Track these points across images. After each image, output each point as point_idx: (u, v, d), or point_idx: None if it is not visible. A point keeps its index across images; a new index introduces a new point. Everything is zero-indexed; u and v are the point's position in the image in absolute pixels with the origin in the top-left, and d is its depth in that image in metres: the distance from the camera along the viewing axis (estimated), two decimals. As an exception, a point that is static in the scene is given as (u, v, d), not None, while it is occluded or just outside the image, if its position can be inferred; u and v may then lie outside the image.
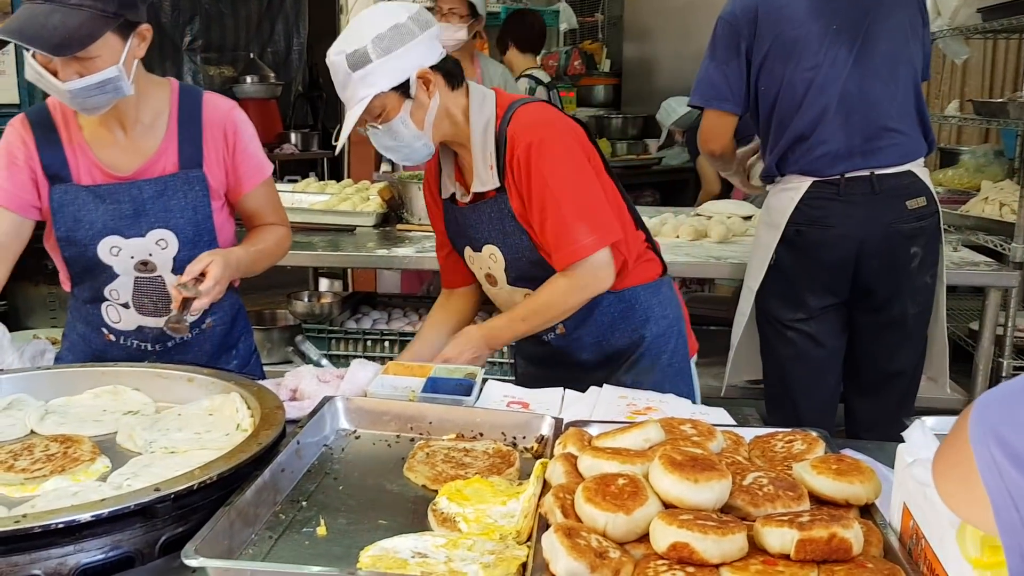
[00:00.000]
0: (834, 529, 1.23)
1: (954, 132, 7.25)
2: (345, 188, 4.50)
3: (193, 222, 2.22)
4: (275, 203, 2.44)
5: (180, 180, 2.21)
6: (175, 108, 2.24)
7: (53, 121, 2.20)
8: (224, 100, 2.33)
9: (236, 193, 2.33)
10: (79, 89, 2.00)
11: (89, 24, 1.96)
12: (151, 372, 2.04)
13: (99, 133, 2.19)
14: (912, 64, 2.97)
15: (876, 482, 1.43)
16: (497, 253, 2.38)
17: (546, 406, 2.12)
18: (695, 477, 1.36)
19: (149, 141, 2.22)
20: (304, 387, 2.16)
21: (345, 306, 3.91)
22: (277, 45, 8.88)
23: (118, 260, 2.19)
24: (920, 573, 1.24)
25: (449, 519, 1.53)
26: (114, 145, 2.20)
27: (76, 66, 1.98)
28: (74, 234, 2.17)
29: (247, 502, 1.48)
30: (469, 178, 2.36)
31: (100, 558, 1.36)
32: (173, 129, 2.23)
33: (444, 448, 1.82)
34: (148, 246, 2.19)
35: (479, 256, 2.43)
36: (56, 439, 1.74)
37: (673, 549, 1.25)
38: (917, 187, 2.95)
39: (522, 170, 2.24)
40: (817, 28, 2.88)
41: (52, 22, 1.93)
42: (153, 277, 2.22)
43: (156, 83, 2.25)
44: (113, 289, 2.23)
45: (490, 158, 2.29)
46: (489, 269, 2.43)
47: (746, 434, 1.74)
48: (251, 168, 2.33)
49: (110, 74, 2.01)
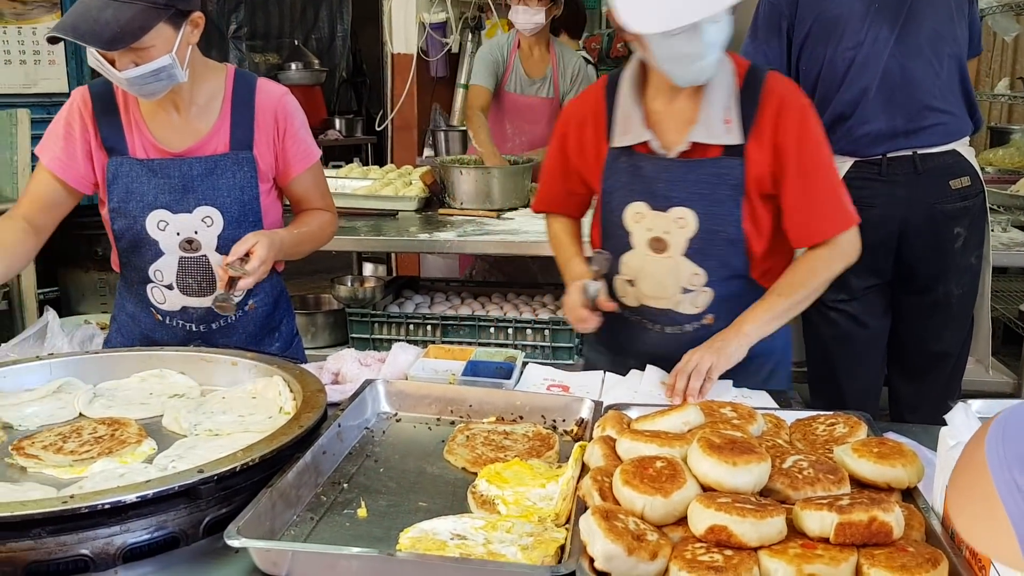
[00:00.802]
0: (874, 512, 1.22)
1: (1005, 111, 7.10)
2: (388, 173, 4.51)
3: (240, 202, 2.27)
4: (323, 188, 2.48)
5: (230, 160, 2.26)
6: (229, 92, 2.30)
7: (114, 96, 2.27)
8: (277, 86, 2.38)
9: (285, 177, 2.38)
10: (135, 77, 2.06)
11: (141, 17, 2.01)
12: (196, 356, 2.07)
13: (155, 112, 2.26)
14: (957, 42, 2.91)
15: (918, 465, 1.42)
16: (690, 217, 2.16)
17: (586, 389, 2.13)
18: (734, 460, 1.36)
19: (203, 122, 2.28)
20: (346, 370, 2.18)
21: (388, 290, 3.92)
22: (321, 32, 8.95)
23: (164, 235, 2.25)
24: (962, 557, 1.23)
25: (488, 501, 1.54)
26: (168, 124, 2.26)
27: (131, 56, 2.04)
28: (126, 205, 2.24)
29: (289, 484, 1.50)
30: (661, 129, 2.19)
31: (146, 538, 1.38)
32: (227, 112, 2.29)
33: (484, 431, 1.83)
34: (194, 223, 2.25)
35: (658, 216, 2.19)
36: (104, 422, 1.77)
37: (711, 532, 1.25)
38: (961, 166, 2.91)
39: (792, 131, 2.11)
40: (859, 6, 2.85)
41: (104, 17, 1.98)
42: (198, 257, 2.26)
43: (213, 68, 2.31)
44: (158, 270, 2.27)
45: (727, 112, 2.12)
46: (664, 233, 2.19)
47: (787, 417, 1.73)
48: (300, 152, 2.37)
49: (163, 62, 2.07)
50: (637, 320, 2.31)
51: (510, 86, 4.86)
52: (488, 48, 4.92)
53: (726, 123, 2.12)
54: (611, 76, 2.31)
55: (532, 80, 4.89)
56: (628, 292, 2.28)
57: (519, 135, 4.93)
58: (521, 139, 4.93)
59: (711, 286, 2.20)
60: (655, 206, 2.18)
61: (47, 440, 1.70)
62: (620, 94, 2.24)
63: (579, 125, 2.33)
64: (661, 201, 2.17)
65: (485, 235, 3.65)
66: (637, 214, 2.20)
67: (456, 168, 4.12)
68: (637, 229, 2.22)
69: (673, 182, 2.16)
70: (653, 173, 2.18)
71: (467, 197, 4.09)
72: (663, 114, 2.20)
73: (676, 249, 2.19)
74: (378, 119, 6.47)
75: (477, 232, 3.69)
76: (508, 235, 3.64)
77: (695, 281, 2.20)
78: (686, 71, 2.06)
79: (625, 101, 2.22)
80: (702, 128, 2.12)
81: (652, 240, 2.20)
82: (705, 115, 2.12)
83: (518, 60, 4.87)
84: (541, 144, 4.90)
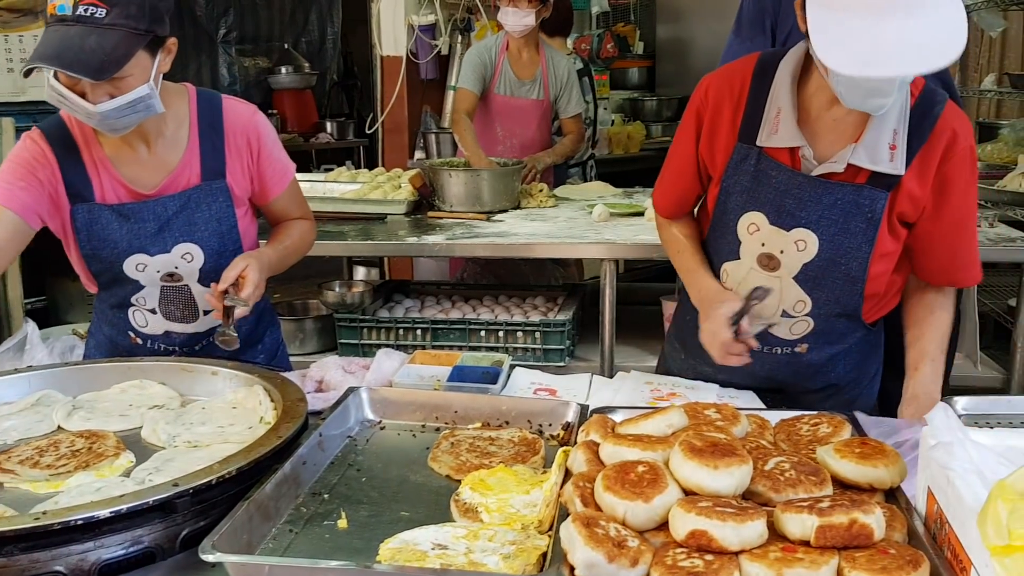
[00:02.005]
0: (854, 515, 1.21)
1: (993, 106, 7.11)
2: (377, 176, 4.49)
3: (218, 233, 2.20)
4: (299, 200, 2.42)
5: (203, 192, 2.17)
6: (195, 117, 2.18)
7: (72, 137, 2.12)
8: (245, 105, 2.27)
9: (263, 198, 2.31)
10: (110, 110, 1.92)
11: (124, 44, 1.88)
12: (176, 366, 2.05)
13: (121, 149, 2.12)
14: None
15: (901, 465, 1.40)
16: (812, 242, 1.98)
17: (573, 392, 2.11)
18: (715, 463, 1.34)
19: (172, 154, 2.16)
20: (330, 378, 2.16)
21: (378, 295, 3.91)
22: (311, 35, 8.93)
23: (144, 275, 2.18)
24: (944, 559, 1.21)
25: (471, 509, 1.52)
26: (136, 161, 2.14)
27: (107, 87, 1.90)
28: (99, 252, 2.14)
29: (267, 496, 1.48)
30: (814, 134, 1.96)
31: (121, 553, 1.37)
32: (195, 140, 2.17)
33: (469, 437, 1.81)
34: (174, 260, 2.18)
35: (777, 233, 2.01)
36: (82, 435, 1.76)
37: (692, 537, 1.24)
38: None
39: (963, 173, 1.93)
40: None
41: (89, 45, 1.84)
42: (180, 286, 2.22)
43: (174, 92, 2.18)
44: (140, 296, 2.23)
45: (895, 137, 1.90)
46: (779, 252, 2.02)
47: (772, 418, 1.72)
48: (276, 173, 2.30)
49: (142, 92, 1.95)
50: None
51: (499, 88, 4.86)
52: (476, 51, 4.91)
53: (891, 149, 1.90)
54: (763, 58, 2.05)
55: (522, 82, 4.89)
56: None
57: (509, 137, 4.93)
58: (511, 141, 4.92)
59: (812, 317, 2.07)
60: (775, 221, 2.00)
61: (24, 454, 1.68)
62: (776, 83, 1.98)
63: (716, 106, 2.06)
64: (785, 218, 1.99)
65: (474, 238, 3.64)
66: (752, 225, 2.03)
67: (445, 171, 4.11)
68: (749, 240, 2.05)
69: (804, 200, 1.96)
70: (783, 186, 1.97)
71: (456, 200, 4.08)
72: (820, 120, 1.95)
73: (787, 271, 2.03)
74: (368, 122, 6.46)
75: (466, 235, 3.68)
76: (497, 237, 3.62)
77: (798, 308, 2.06)
78: (863, 102, 1.80)
79: (781, 92, 1.97)
80: (865, 151, 1.91)
81: (763, 256, 2.04)
82: (872, 136, 1.90)
83: (507, 62, 4.86)
84: (532, 146, 4.91)
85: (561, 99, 4.98)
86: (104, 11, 1.86)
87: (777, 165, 1.98)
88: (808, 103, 1.95)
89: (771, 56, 2.02)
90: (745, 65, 2.04)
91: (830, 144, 1.94)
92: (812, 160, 1.95)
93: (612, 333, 3.52)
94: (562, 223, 3.87)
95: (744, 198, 2.03)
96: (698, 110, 2.09)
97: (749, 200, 2.02)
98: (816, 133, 1.96)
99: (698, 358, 2.15)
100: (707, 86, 2.09)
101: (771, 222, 2.00)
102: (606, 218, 3.88)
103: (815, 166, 1.95)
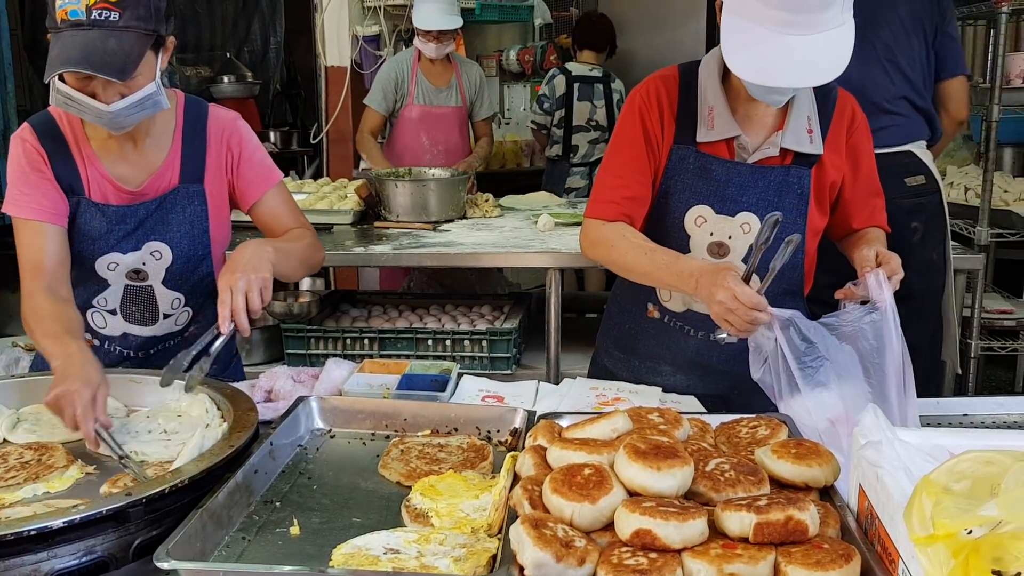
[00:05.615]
0: (790, 512, 1.26)
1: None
2: (323, 187, 4.50)
3: (189, 236, 2.23)
4: (292, 208, 2.40)
5: (180, 195, 2.21)
6: (180, 120, 2.24)
7: (61, 132, 2.16)
8: (228, 112, 2.33)
9: (245, 202, 2.33)
10: (122, 109, 1.98)
11: (138, 44, 1.95)
12: (123, 377, 2.04)
13: (108, 146, 2.17)
14: (914, 57, 3.06)
15: (834, 465, 1.46)
16: (755, 222, 2.14)
17: (520, 399, 2.15)
18: (658, 465, 1.38)
19: (157, 154, 2.21)
20: (279, 387, 2.18)
21: (324, 305, 3.91)
22: (254, 44, 8.85)
23: (113, 274, 2.21)
24: (874, 553, 1.27)
25: (422, 514, 1.55)
26: (123, 159, 2.19)
27: (120, 87, 1.96)
28: (77, 247, 2.17)
29: (219, 504, 1.49)
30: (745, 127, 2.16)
31: (74, 563, 1.38)
32: (178, 142, 2.23)
33: (419, 444, 1.84)
34: (143, 256, 2.20)
35: (723, 220, 2.16)
36: (30, 447, 1.75)
37: (636, 536, 1.28)
38: (916, 166, 3.10)
39: (861, 138, 2.22)
40: None
41: (110, 47, 1.90)
42: (144, 286, 2.23)
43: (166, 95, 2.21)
44: (102, 297, 2.24)
45: (810, 122, 2.16)
46: (727, 238, 2.16)
47: (712, 421, 1.77)
48: (257, 176, 2.32)
49: (149, 90, 2.00)
50: (679, 326, 2.28)
51: (418, 99, 5.06)
52: (389, 66, 5.15)
53: (808, 132, 2.14)
54: (683, 66, 2.24)
55: (438, 90, 5.11)
56: (674, 296, 2.25)
57: (435, 145, 5.11)
58: (437, 149, 5.10)
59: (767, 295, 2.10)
60: (720, 210, 2.15)
61: (-29, 468, 1.67)
62: (701, 85, 2.17)
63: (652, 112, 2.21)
64: (729, 205, 2.15)
65: (421, 248, 3.67)
66: (699, 218, 2.17)
67: (391, 181, 4.13)
68: (697, 233, 2.18)
69: (744, 186, 2.14)
70: (724, 176, 2.15)
71: (403, 210, 4.10)
72: (747, 113, 2.16)
73: (736, 255, 2.16)
74: (313, 131, 6.44)
75: (413, 245, 3.70)
76: (444, 247, 3.66)
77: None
78: (764, 96, 2.06)
79: (710, 92, 2.16)
80: (791, 135, 2.13)
81: (713, 244, 2.17)
82: (794, 123, 2.13)
83: (421, 73, 5.09)
84: (456, 152, 5.12)
85: (475, 103, 5.24)
86: (118, 14, 1.92)
87: (715, 159, 2.15)
88: (734, 99, 2.16)
89: (688, 64, 2.24)
90: (667, 75, 2.24)
91: (756, 134, 2.16)
92: (747, 148, 2.15)
93: (558, 341, 3.58)
94: (508, 232, 3.92)
95: (688, 195, 2.17)
96: (640, 120, 2.20)
97: (693, 195, 2.17)
98: (747, 126, 2.16)
99: (648, 360, 2.32)
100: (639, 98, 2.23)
101: (716, 212, 2.16)
102: (551, 227, 3.93)
103: (749, 154, 2.16)
